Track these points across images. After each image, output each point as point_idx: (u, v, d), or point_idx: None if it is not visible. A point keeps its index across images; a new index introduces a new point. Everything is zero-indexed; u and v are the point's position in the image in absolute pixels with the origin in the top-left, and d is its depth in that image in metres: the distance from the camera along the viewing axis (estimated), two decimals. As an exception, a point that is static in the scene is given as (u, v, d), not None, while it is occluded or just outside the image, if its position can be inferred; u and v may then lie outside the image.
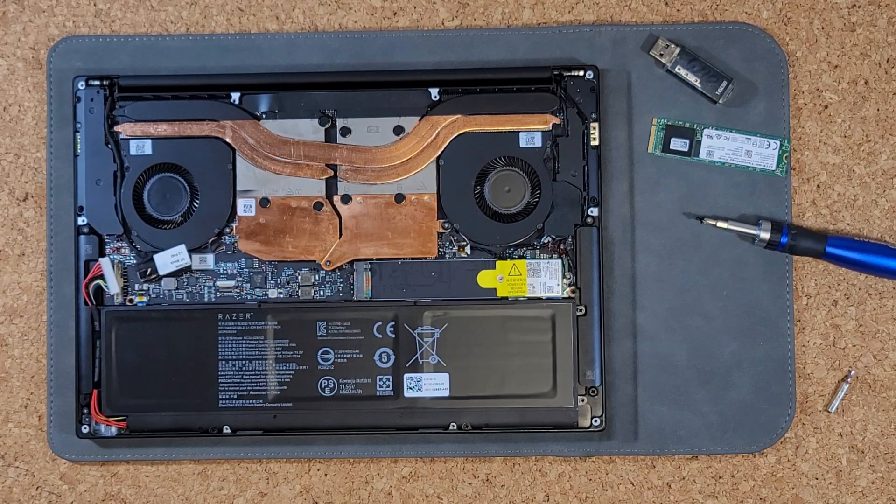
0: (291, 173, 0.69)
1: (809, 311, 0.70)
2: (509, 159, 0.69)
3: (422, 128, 0.69)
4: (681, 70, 0.69)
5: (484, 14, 0.71)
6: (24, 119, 0.71)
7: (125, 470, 0.71)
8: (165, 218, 0.69)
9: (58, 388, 0.70)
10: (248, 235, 0.69)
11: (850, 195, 0.71)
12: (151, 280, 0.69)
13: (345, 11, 0.71)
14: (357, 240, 0.69)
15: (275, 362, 0.68)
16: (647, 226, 0.70)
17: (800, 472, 0.70)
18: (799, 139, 0.71)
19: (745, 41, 0.70)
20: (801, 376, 0.70)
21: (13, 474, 0.71)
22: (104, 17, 0.71)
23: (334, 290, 0.69)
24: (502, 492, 0.71)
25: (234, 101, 0.69)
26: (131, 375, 0.68)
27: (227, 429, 0.69)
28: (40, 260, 0.71)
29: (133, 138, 0.69)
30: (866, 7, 0.71)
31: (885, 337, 0.70)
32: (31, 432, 0.71)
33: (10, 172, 0.71)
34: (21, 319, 0.71)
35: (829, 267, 0.70)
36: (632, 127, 0.70)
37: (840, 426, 0.70)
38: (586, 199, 0.69)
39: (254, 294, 0.69)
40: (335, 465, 0.71)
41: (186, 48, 0.71)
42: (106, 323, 0.68)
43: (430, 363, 0.68)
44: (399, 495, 0.71)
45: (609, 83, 0.70)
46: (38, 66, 0.71)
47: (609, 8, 0.71)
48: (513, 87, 0.69)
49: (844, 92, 0.71)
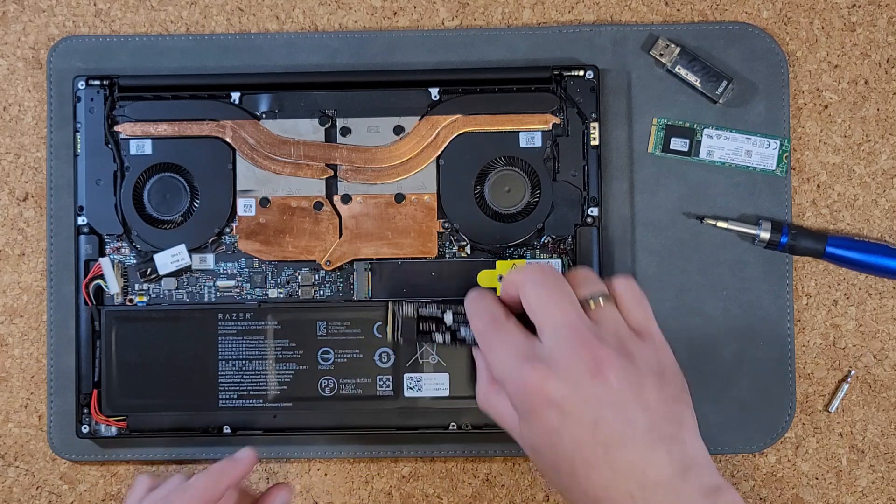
0: (291, 173, 0.69)
1: (809, 311, 0.70)
2: (509, 159, 0.69)
3: (422, 128, 0.69)
4: (681, 70, 0.69)
5: (484, 14, 0.71)
6: (24, 119, 0.71)
7: (125, 470, 0.71)
8: (165, 218, 0.69)
9: (58, 388, 0.70)
10: (248, 235, 0.69)
11: (850, 195, 0.71)
12: (151, 280, 0.69)
13: (345, 11, 0.71)
14: (357, 240, 0.69)
15: (275, 362, 0.68)
16: (647, 226, 0.70)
17: (800, 472, 0.70)
18: (799, 139, 0.71)
19: (745, 41, 0.70)
20: (801, 376, 0.70)
21: (13, 474, 0.71)
22: (104, 17, 0.71)
23: (334, 290, 0.69)
24: (502, 492, 0.71)
25: (234, 101, 0.69)
26: (131, 375, 0.68)
27: (227, 429, 0.69)
28: (40, 260, 0.71)
29: (133, 138, 0.69)
30: (866, 7, 0.71)
31: (885, 337, 0.71)
32: (31, 432, 0.71)
33: (10, 172, 0.71)
34: (21, 319, 0.71)
35: (829, 267, 0.71)
36: (632, 127, 0.70)
37: (840, 426, 0.71)
38: (586, 199, 0.69)
39: (254, 294, 0.69)
40: (335, 465, 0.71)
41: (186, 48, 0.71)
42: (106, 323, 0.68)
43: (430, 363, 0.68)
44: (399, 495, 0.71)
45: (609, 83, 0.70)
46: (38, 66, 0.71)
47: (609, 8, 0.71)
48: (513, 87, 0.69)
49: (844, 92, 0.71)
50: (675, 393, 0.58)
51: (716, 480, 0.56)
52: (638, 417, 0.56)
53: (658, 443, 0.55)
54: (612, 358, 0.56)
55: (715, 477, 0.56)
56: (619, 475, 0.55)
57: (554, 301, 0.58)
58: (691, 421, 0.58)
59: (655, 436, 0.56)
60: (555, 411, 0.56)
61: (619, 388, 0.56)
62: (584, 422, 0.56)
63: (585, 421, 0.56)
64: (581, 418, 0.56)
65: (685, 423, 0.57)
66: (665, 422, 0.56)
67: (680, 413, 0.57)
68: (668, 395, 0.57)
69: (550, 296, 0.58)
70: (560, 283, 0.59)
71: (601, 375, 0.56)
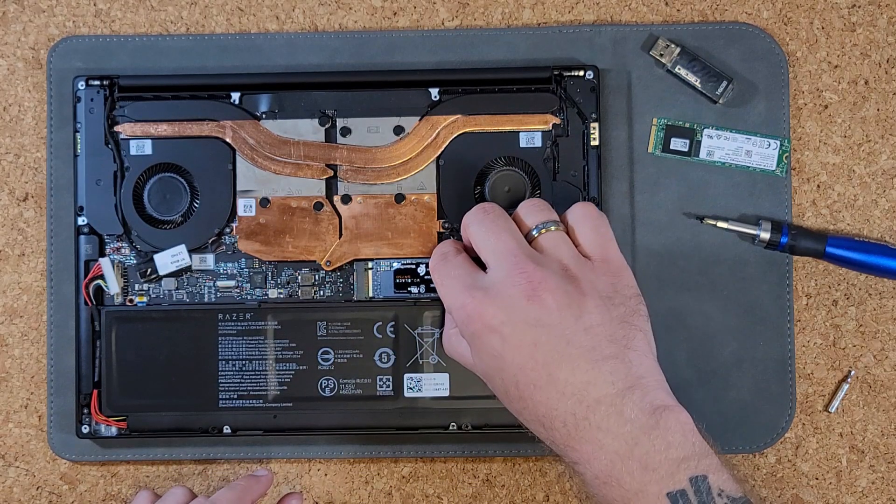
0: (291, 173, 0.69)
1: (809, 311, 0.70)
2: (509, 159, 0.69)
3: (422, 128, 0.69)
4: (681, 70, 0.69)
5: (484, 14, 0.71)
6: (24, 119, 0.71)
7: (125, 470, 0.71)
8: (165, 218, 0.69)
9: (58, 388, 0.70)
10: (248, 235, 0.69)
11: (850, 195, 0.71)
12: (151, 280, 0.69)
13: (345, 11, 0.71)
14: (357, 240, 0.69)
15: (275, 362, 0.68)
16: (647, 226, 0.70)
17: (800, 472, 0.70)
18: (799, 139, 0.71)
19: (745, 41, 0.70)
20: (801, 376, 0.70)
21: (13, 474, 0.71)
22: (104, 17, 0.71)
23: (334, 290, 0.69)
24: (502, 492, 0.71)
25: (234, 102, 0.69)
26: (131, 375, 0.68)
27: (227, 429, 0.69)
28: (40, 260, 0.71)
29: (133, 138, 0.69)
30: (866, 7, 0.71)
31: (885, 337, 0.71)
32: (31, 432, 0.71)
33: (10, 172, 0.71)
34: (21, 319, 0.71)
35: (829, 267, 0.70)
36: (632, 127, 0.70)
37: (840, 426, 0.71)
38: (586, 199, 0.69)
39: (254, 294, 0.69)
40: (335, 465, 0.71)
41: (186, 48, 0.71)
42: (106, 323, 0.68)
43: (430, 363, 0.68)
44: (399, 495, 0.71)
45: (609, 83, 0.70)
46: (38, 66, 0.71)
47: (609, 8, 0.71)
48: (513, 87, 0.69)
49: (844, 92, 0.71)
50: (624, 315, 0.59)
51: (663, 400, 0.56)
52: (578, 337, 0.57)
53: (600, 362, 0.56)
54: (548, 281, 0.58)
55: (662, 397, 0.57)
56: (561, 394, 0.56)
57: (493, 233, 0.61)
58: (642, 343, 0.58)
59: (598, 355, 0.56)
60: (495, 336, 0.58)
61: (556, 310, 0.57)
62: (523, 344, 0.57)
63: (524, 343, 0.57)
64: (520, 341, 0.57)
65: (633, 344, 0.58)
66: (608, 342, 0.57)
67: (626, 334, 0.58)
68: (613, 317, 0.58)
69: (490, 229, 0.61)
70: (499, 216, 0.62)
71: (536, 298, 0.57)
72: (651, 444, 0.55)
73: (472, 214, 0.63)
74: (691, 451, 0.55)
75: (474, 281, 0.60)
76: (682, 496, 0.54)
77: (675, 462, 0.54)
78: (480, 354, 0.60)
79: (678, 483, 0.54)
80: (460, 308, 0.60)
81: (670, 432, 0.55)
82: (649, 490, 0.54)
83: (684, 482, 0.54)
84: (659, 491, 0.54)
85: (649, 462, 0.55)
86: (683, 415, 0.56)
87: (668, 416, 0.56)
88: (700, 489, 0.54)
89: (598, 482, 0.56)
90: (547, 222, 0.62)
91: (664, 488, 0.54)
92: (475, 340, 0.60)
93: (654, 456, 0.55)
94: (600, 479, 0.56)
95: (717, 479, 0.55)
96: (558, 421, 0.57)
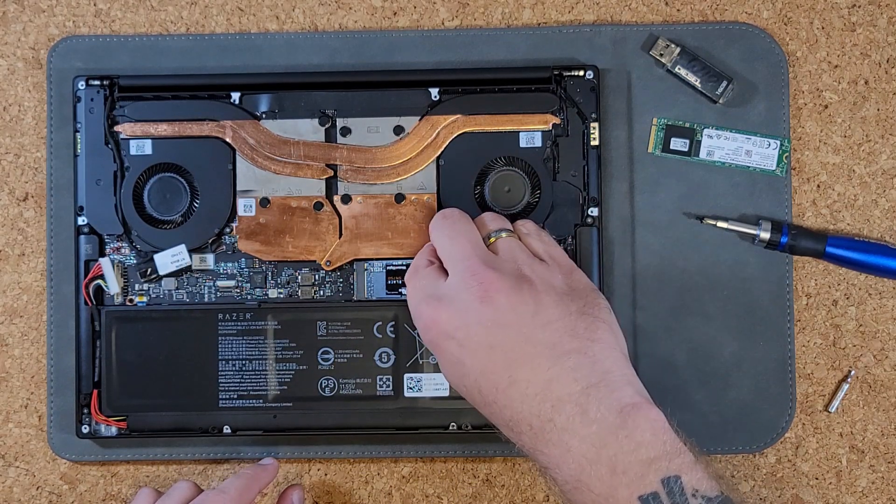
0: (291, 173, 0.69)
1: (809, 311, 0.70)
2: (509, 159, 0.69)
3: (422, 128, 0.69)
4: (681, 70, 0.69)
5: (484, 14, 0.71)
6: (24, 119, 0.71)
7: (125, 470, 0.71)
8: (165, 218, 0.69)
9: (58, 388, 0.70)
10: (248, 235, 0.69)
11: (850, 195, 0.71)
12: (151, 280, 0.69)
13: (345, 11, 0.71)
14: (357, 240, 0.69)
15: (275, 362, 0.69)
16: (647, 226, 0.70)
17: (800, 472, 0.70)
18: (799, 139, 0.71)
19: (745, 41, 0.70)
20: (801, 376, 0.70)
21: (13, 474, 0.71)
22: (104, 17, 0.71)
23: (334, 291, 0.69)
24: (502, 492, 0.71)
25: (234, 101, 0.69)
26: (131, 375, 0.68)
27: (227, 429, 0.69)
28: (40, 260, 0.71)
29: (133, 138, 0.69)
30: (866, 7, 0.71)
31: (885, 337, 0.71)
32: (32, 432, 0.71)
33: (10, 172, 0.71)
34: (21, 319, 0.71)
35: (829, 267, 0.71)
36: (632, 127, 0.70)
37: (840, 426, 0.71)
38: (586, 199, 0.69)
39: (254, 294, 0.69)
40: (335, 465, 0.71)
41: (186, 48, 0.71)
42: (106, 323, 0.68)
43: (430, 363, 0.68)
44: (399, 495, 0.71)
45: (609, 83, 0.70)
46: (38, 66, 0.71)
47: (609, 8, 0.71)
48: (513, 87, 0.69)
49: (844, 92, 0.71)
50: (583, 307, 0.58)
51: (631, 398, 0.54)
52: (537, 334, 0.56)
53: (562, 357, 0.55)
54: (499, 281, 0.57)
55: (630, 394, 0.55)
56: (524, 395, 0.55)
57: (450, 238, 0.61)
58: (607, 335, 0.57)
59: (559, 350, 0.55)
60: (452, 342, 0.58)
61: (510, 309, 0.57)
62: (480, 347, 0.57)
63: (481, 346, 0.57)
64: (477, 344, 0.57)
65: (597, 336, 0.56)
66: (570, 337, 0.56)
67: (589, 326, 0.57)
68: (573, 311, 0.57)
69: (447, 234, 0.62)
70: (459, 222, 0.62)
71: (488, 300, 0.57)
72: (619, 445, 0.53)
73: (434, 221, 0.64)
74: (662, 451, 0.53)
75: (434, 290, 0.60)
76: (654, 499, 0.52)
77: (646, 463, 0.52)
78: (442, 362, 0.60)
79: (649, 485, 0.52)
80: (418, 318, 0.60)
81: (639, 431, 0.53)
82: (619, 494, 0.52)
83: (656, 484, 0.52)
84: (630, 495, 0.52)
85: (618, 464, 0.53)
86: (654, 412, 0.54)
87: (636, 415, 0.54)
88: (673, 490, 0.52)
89: (569, 487, 0.54)
90: (501, 230, 0.63)
91: (635, 492, 0.52)
92: (435, 349, 0.60)
93: (622, 458, 0.53)
94: (570, 484, 0.54)
95: (691, 479, 0.53)
96: (524, 424, 0.56)
